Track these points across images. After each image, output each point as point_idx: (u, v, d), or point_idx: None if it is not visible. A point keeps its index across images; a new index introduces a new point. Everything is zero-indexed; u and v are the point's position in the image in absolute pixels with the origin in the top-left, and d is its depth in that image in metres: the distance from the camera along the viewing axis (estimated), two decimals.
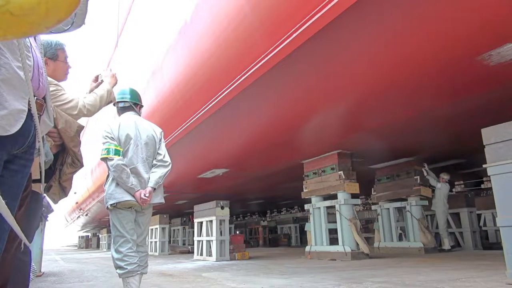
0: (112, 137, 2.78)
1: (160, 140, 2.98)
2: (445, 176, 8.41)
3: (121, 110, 3.04)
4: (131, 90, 3.11)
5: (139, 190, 2.70)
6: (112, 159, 2.69)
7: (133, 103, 3.03)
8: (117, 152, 2.71)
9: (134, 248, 2.68)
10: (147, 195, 2.68)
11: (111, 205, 2.71)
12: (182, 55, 5.51)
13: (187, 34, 5.24)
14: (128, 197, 2.67)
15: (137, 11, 8.16)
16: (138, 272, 2.67)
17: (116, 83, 2.55)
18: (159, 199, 2.86)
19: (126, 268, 2.61)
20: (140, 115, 3.08)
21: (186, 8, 5.24)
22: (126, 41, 8.99)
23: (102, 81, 2.54)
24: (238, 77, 4.39)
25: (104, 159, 2.75)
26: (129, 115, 2.98)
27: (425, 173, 8.20)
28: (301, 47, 3.58)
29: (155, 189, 2.79)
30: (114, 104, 2.99)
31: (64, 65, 2.21)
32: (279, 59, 3.81)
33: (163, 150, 2.95)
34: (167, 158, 2.94)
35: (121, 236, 2.68)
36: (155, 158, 2.90)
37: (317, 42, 3.51)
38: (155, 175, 2.79)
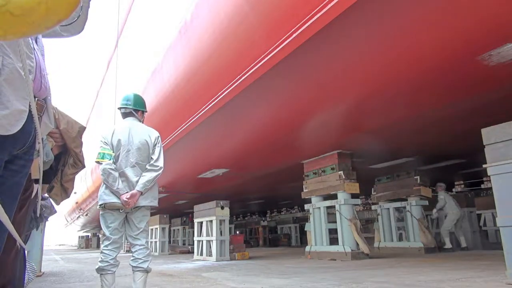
0: (105, 142, 2.95)
1: (155, 145, 3.03)
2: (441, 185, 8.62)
3: (123, 116, 3.19)
4: (134, 96, 3.20)
5: (126, 192, 2.80)
6: (101, 163, 2.86)
7: (134, 109, 3.13)
8: (108, 157, 2.87)
9: (110, 248, 2.80)
10: (128, 197, 2.77)
11: (100, 205, 2.88)
12: (182, 55, 5.50)
13: (187, 34, 5.23)
14: (114, 199, 2.80)
15: (137, 11, 8.15)
16: (110, 272, 2.75)
17: None
18: (148, 202, 2.90)
19: (98, 265, 2.76)
20: (140, 120, 3.17)
21: (186, 8, 5.23)
22: (126, 41, 8.98)
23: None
24: (238, 77, 4.39)
25: (97, 163, 2.93)
26: (128, 120, 3.11)
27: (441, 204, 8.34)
28: (301, 47, 3.58)
29: (142, 192, 2.85)
30: (118, 109, 3.19)
31: None
32: (279, 59, 3.81)
33: (156, 155, 3.01)
34: (159, 163, 2.97)
35: (104, 234, 2.87)
36: (149, 162, 2.98)
37: (317, 42, 3.50)
38: (143, 179, 2.87)
